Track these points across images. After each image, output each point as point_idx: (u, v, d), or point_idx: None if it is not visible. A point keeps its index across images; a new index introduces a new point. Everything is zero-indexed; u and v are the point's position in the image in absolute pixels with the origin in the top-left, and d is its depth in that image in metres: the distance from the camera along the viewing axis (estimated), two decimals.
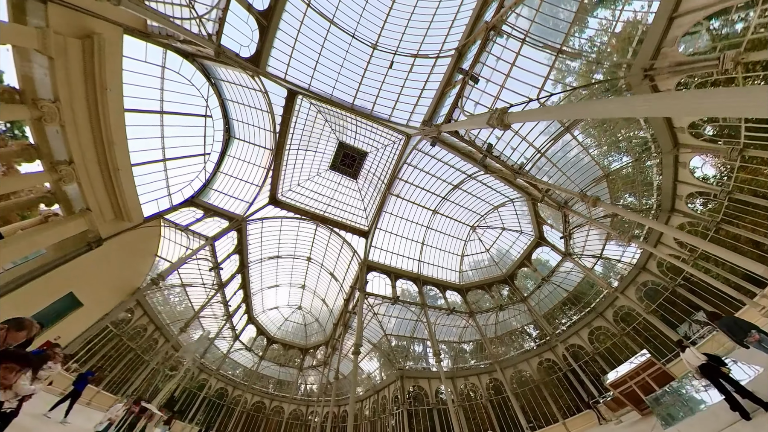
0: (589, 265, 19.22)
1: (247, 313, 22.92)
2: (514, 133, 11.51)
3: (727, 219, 13.52)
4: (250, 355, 24.97)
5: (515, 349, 22.33)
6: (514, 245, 21.55)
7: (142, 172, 12.84)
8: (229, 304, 18.99)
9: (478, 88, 10.11)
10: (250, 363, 25.04)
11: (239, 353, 24.37)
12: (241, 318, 22.59)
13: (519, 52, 9.16)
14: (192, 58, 12.80)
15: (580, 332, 19.34)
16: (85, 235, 11.04)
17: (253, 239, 18.07)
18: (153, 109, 12.24)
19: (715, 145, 11.48)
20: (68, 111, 9.09)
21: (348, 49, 13.30)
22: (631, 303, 16.84)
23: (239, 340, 23.49)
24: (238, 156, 17.79)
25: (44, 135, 9.14)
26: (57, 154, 9.49)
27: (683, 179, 13.35)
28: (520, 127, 11.50)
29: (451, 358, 22.50)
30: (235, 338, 22.89)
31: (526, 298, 21.66)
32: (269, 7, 10.93)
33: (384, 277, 18.64)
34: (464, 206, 19.74)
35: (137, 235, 13.57)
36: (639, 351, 15.33)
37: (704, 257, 14.87)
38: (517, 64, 9.46)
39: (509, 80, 9.75)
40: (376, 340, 19.23)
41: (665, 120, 11.09)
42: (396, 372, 19.45)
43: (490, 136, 11.66)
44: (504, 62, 9.45)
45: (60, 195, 10.06)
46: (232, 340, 22.76)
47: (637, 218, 9.64)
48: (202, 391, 21.15)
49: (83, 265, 11.20)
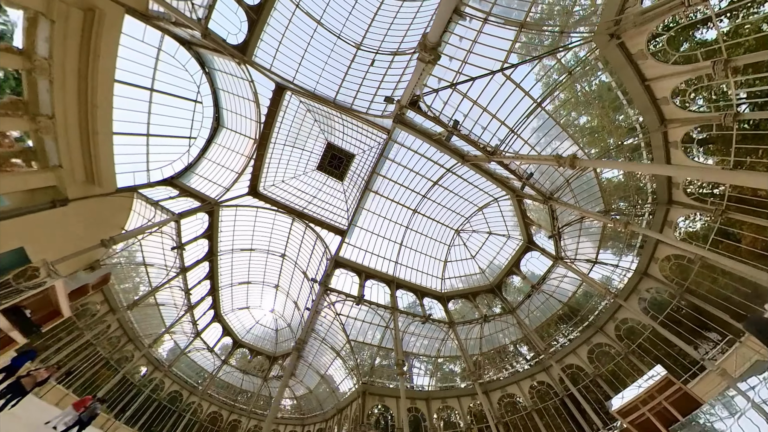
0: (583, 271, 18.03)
1: (214, 309, 22.65)
2: (482, 110, 12.12)
3: (733, 205, 12.35)
4: (212, 357, 24.18)
5: (504, 369, 21.09)
6: (502, 251, 21.02)
7: (123, 143, 13.84)
8: (191, 292, 18.93)
9: (441, 65, 11.20)
10: (211, 366, 24.16)
11: (201, 354, 23.66)
12: (205, 313, 22.29)
13: (481, 30, 10.19)
14: (188, 46, 14.43)
15: (577, 350, 18.01)
16: (51, 193, 11.75)
17: (225, 226, 18.59)
18: (144, 85, 13.56)
19: (707, 114, 10.37)
20: (59, 70, 10.28)
21: (333, 48, 14.83)
22: (634, 315, 15.45)
23: (201, 338, 22.92)
24: (225, 144, 18.96)
25: (35, 89, 10.27)
26: (42, 108, 10.55)
27: (678, 162, 12.17)
28: (488, 102, 12.03)
29: (428, 376, 21.33)
30: (197, 335, 22.39)
31: (515, 309, 20.65)
32: (259, 4, 12.55)
33: (353, 275, 18.57)
34: (447, 206, 19.87)
35: (107, 205, 14.25)
36: (648, 371, 14.61)
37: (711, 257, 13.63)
38: (480, 41, 10.46)
39: (472, 56, 10.72)
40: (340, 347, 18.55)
41: (648, 96, 10.48)
42: (359, 387, 18.05)
43: (455, 113, 12.46)
44: (467, 40, 10.50)
45: (38, 147, 10.96)
46: (192, 336, 22.23)
47: (633, 229, 9.17)
48: (147, 389, 20.14)
49: (42, 224, 11.72)
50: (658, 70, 10.00)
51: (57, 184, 11.52)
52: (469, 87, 11.67)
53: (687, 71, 9.55)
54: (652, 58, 9.71)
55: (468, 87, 11.64)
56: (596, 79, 11.84)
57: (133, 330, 18.56)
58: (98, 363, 17.22)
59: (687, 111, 10.60)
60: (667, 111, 10.94)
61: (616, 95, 11.65)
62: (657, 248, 15.22)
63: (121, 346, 18.26)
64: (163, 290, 17.86)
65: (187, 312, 19.65)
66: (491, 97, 11.96)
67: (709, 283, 14.55)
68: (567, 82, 11.31)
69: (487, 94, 11.89)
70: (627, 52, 9.78)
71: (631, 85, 10.57)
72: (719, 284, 14.25)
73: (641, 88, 10.44)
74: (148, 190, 15.55)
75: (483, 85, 11.49)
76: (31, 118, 10.27)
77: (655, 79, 10.19)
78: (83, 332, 15.85)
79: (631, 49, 9.72)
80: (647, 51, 9.48)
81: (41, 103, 10.55)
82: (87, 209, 13.30)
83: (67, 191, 12.02)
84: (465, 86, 11.55)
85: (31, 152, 11.23)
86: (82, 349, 16.09)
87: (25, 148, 11.12)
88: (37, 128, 10.33)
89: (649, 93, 10.54)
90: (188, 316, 20.45)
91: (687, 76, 9.69)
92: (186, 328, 21.56)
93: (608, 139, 13.73)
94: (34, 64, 9.63)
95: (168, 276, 16.73)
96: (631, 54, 9.82)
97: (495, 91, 11.68)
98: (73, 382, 16.12)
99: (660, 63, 9.82)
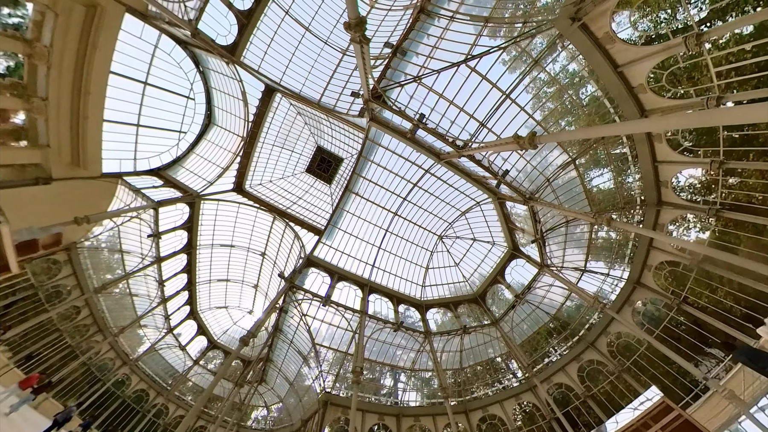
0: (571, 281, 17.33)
1: (190, 305, 22.97)
2: (449, 103, 12.56)
3: (727, 203, 11.85)
4: (183, 356, 24.16)
5: (486, 386, 20.39)
6: (487, 258, 20.78)
7: (113, 130, 14.98)
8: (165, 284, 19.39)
9: (406, 60, 12.13)
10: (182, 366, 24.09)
11: (172, 352, 23.70)
12: (180, 308, 22.58)
13: (447, 27, 11.07)
14: (184, 45, 15.89)
15: (567, 368, 17.20)
16: (35, 171, 12.72)
17: (206, 220, 19.36)
18: (138, 78, 14.87)
19: (685, 100, 9.86)
20: (58, 57, 11.54)
21: (320, 53, 16.14)
22: (627, 328, 14.68)
23: (173, 334, 23.07)
24: (214, 141, 20.15)
25: (35, 73, 11.50)
26: (39, 90, 11.73)
27: (663, 158, 11.80)
28: (455, 95, 12.45)
29: (414, 391, 20.83)
30: (170, 330, 22.58)
31: (498, 320, 20.15)
32: (250, 9, 13.96)
33: (326, 276, 18.86)
34: (428, 210, 20.18)
35: (90, 189, 15.19)
36: (644, 392, 13.46)
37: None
38: (447, 37, 11.27)
39: (438, 51, 11.58)
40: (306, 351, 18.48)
41: (623, 83, 10.00)
42: (321, 396, 17.13)
43: (421, 106, 13.21)
44: (433, 37, 11.41)
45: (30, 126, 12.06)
46: (165, 331, 22.41)
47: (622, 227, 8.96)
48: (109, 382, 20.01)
49: (21, 199, 12.57)
50: (630, 54, 9.58)
51: (42, 162, 12.51)
52: (435, 80, 12.36)
53: (659, 51, 9.04)
54: (621, 41, 9.31)
55: (433, 80, 12.33)
56: (564, 69, 12.18)
57: (105, 320, 18.93)
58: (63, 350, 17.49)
59: (666, 99, 10.10)
60: (646, 100, 10.49)
61: (584, 79, 11.67)
62: (649, 254, 14.53)
63: (89, 336, 18.58)
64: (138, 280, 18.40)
65: (160, 304, 20.01)
66: (457, 90, 12.58)
67: (709, 292, 14.01)
68: (535, 72, 11.67)
69: (453, 87, 12.55)
70: (593, 36, 9.47)
71: (601, 70, 10.13)
72: (720, 294, 13.69)
73: (613, 74, 9.99)
74: (133, 178, 16.52)
75: (449, 78, 12.19)
76: (26, 99, 11.42)
77: (628, 65, 9.76)
78: (52, 318, 16.24)
79: (596, 32, 9.40)
80: (613, 33, 9.14)
81: (38, 86, 11.76)
82: (70, 190, 14.22)
83: (52, 171, 12.99)
84: (431, 80, 12.30)
85: (22, 130, 12.34)
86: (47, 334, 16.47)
87: (18, 126, 12.24)
88: (30, 108, 11.45)
89: (622, 79, 10.13)
90: (161, 309, 20.77)
91: (660, 57, 9.17)
92: (159, 323, 21.81)
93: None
94: (34, 50, 10.88)
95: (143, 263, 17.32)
96: (597, 38, 9.47)
97: (461, 84, 12.31)
98: (34, 367, 16.37)
99: (630, 45, 9.49)
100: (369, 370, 19.81)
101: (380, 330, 18.54)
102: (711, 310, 13.77)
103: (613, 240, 17.12)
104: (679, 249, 13.86)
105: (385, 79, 12.58)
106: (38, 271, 15.00)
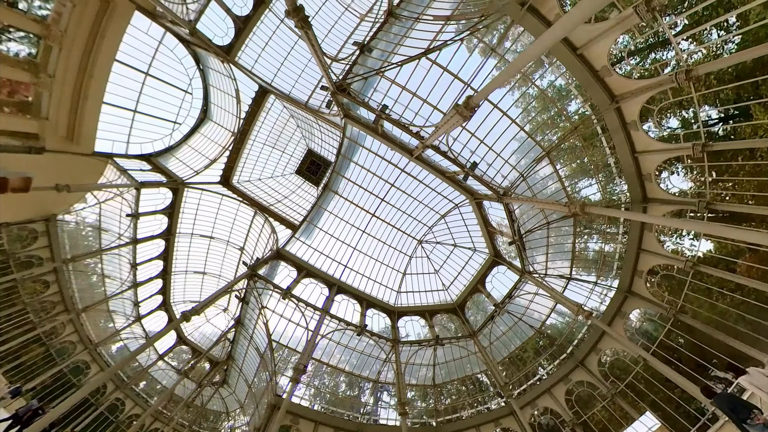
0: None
1: (163, 294, 23.47)
2: (412, 95, 13.43)
3: (717, 192, 11.34)
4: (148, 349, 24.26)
5: (462, 408, 19.46)
6: (468, 266, 20.45)
7: (110, 113, 16.73)
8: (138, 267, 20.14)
9: (374, 57, 13.61)
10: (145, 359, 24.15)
11: (138, 342, 23.89)
12: (153, 296, 23.09)
13: (412, 26, 12.58)
14: (187, 44, 18.03)
15: (553, 390, 15.93)
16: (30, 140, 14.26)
17: (188, 208, 20.52)
18: (140, 68, 16.85)
19: (654, 79, 9.60)
20: (69, 41, 13.48)
21: (310, 59, 18.03)
22: (619, 344, 13.54)
23: (141, 324, 23.42)
24: (208, 135, 21.91)
25: (48, 53, 13.37)
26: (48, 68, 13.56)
27: (643, 148, 11.23)
28: (418, 88, 13.34)
29: (365, 404, 20.37)
30: (138, 318, 22.97)
31: (476, 332, 19.54)
32: (248, 16, 16.05)
33: (292, 270, 19.39)
34: (407, 212, 20.59)
35: (80, 165, 16.69)
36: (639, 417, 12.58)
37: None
38: (412, 35, 12.66)
39: (402, 48, 12.90)
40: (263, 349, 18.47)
41: (586, 67, 9.82)
42: (270, 399, 16.00)
43: (384, 98, 14.33)
44: (398, 36, 12.88)
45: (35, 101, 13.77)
46: (132, 319, 22.80)
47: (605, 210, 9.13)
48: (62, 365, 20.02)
49: (11, 164, 14.01)
50: (585, 34, 9.51)
51: (38, 133, 14.07)
52: (397, 73, 13.55)
53: (614, 26, 8.85)
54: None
55: (396, 73, 13.51)
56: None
57: (73, 299, 19.61)
58: (24, 325, 18.01)
59: (634, 80, 10.22)
60: (614, 84, 10.40)
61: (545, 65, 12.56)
62: (639, 258, 13.67)
63: (55, 314, 19.20)
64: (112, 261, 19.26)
65: (131, 288, 20.66)
66: (420, 82, 13.71)
67: (710, 300, 13.40)
68: (493, 60, 12.61)
69: (416, 80, 13.65)
70: (545, 20, 9.61)
71: (559, 53, 10.11)
72: (724, 302, 13.11)
73: (573, 57, 10.00)
74: (123, 160, 18.03)
75: (411, 71, 13.46)
76: (35, 74, 13.20)
77: (587, 45, 9.72)
78: (17, 289, 16.92)
79: (547, 15, 9.53)
80: (564, 13, 9.06)
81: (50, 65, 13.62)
82: (60, 164, 15.70)
83: (46, 142, 14.53)
84: (393, 73, 13.52)
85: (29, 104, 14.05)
86: (9, 305, 17.08)
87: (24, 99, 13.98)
88: (38, 83, 13.19)
89: (585, 63, 10.12)
90: (132, 294, 21.37)
91: (618, 32, 9.08)
92: (128, 309, 22.30)
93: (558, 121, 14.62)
94: (50, 33, 12.81)
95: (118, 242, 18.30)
96: (549, 21, 9.57)
97: (423, 77, 13.37)
98: None
99: (584, 24, 9.27)
100: (330, 377, 19.61)
101: (342, 333, 18.58)
102: (714, 320, 12.78)
103: (599, 250, 16.70)
104: (672, 252, 13.55)
105: (351, 74, 14.11)
106: (14, 238, 16.03)
